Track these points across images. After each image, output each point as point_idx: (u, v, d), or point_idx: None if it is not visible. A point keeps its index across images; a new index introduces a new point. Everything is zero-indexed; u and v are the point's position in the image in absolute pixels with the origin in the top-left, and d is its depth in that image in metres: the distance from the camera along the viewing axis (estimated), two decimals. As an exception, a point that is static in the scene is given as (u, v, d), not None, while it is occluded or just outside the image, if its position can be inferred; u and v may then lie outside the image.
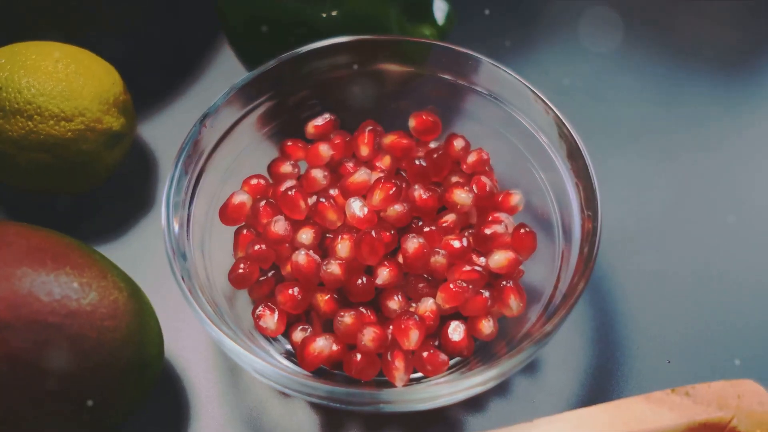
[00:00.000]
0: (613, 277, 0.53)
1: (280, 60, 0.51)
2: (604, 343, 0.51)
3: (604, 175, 0.48)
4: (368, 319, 0.47)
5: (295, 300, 0.47)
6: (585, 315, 0.52)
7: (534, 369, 0.50)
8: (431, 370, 0.45)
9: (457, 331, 0.46)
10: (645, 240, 0.55)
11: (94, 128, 0.52)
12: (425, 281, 0.48)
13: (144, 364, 0.44)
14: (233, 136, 0.52)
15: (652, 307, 0.52)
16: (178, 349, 0.51)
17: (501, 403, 0.49)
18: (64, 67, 0.52)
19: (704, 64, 0.64)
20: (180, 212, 0.47)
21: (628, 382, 0.49)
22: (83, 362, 0.42)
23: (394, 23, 0.55)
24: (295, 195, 0.49)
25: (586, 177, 0.46)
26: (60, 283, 0.42)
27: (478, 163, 0.51)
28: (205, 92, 0.61)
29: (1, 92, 0.51)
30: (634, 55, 0.64)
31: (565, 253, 0.47)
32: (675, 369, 0.50)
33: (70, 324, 0.41)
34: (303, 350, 0.46)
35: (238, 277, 0.48)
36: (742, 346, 0.50)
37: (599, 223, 0.45)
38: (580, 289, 0.43)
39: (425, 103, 0.54)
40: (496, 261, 0.48)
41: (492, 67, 0.51)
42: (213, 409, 0.49)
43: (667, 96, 0.62)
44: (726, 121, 0.61)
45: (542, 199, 0.51)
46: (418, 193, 0.49)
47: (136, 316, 0.44)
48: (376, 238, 0.46)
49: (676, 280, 0.53)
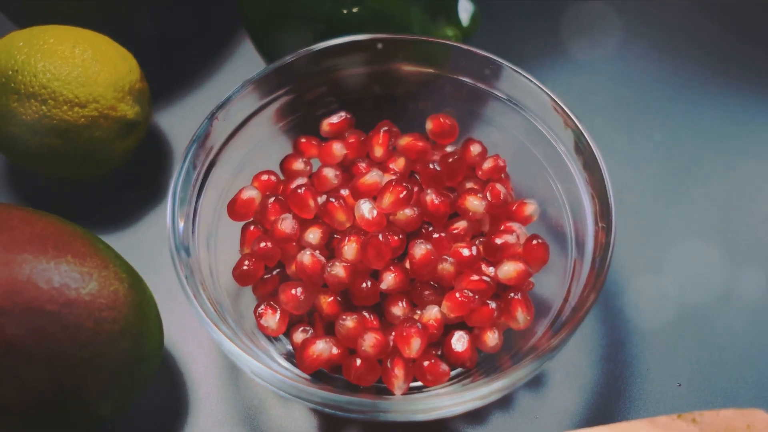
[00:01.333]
0: (626, 296, 0.51)
1: (296, 55, 0.51)
2: (613, 363, 0.49)
3: (620, 188, 0.47)
4: (371, 324, 0.46)
5: (298, 300, 0.46)
6: (595, 332, 0.50)
7: (539, 384, 0.49)
8: (431, 380, 0.44)
9: (461, 341, 0.45)
10: (661, 259, 0.53)
11: (108, 115, 0.51)
12: (431, 288, 0.47)
13: (142, 357, 0.44)
14: (247, 130, 0.51)
15: (665, 328, 0.50)
16: (180, 342, 0.50)
17: (503, 417, 0.48)
18: (80, 52, 0.51)
19: (706, 69, 0.62)
20: (186, 206, 0.46)
21: (635, 404, 0.48)
22: (79, 352, 0.41)
23: (416, 22, 0.54)
24: (305, 193, 0.48)
25: (602, 189, 0.45)
26: (60, 271, 0.42)
27: (494, 170, 0.50)
28: (225, 84, 0.60)
29: (17, 75, 0.51)
30: (657, 62, 0.62)
31: (577, 266, 0.46)
32: (685, 393, 0.48)
33: (67, 313, 0.41)
34: (302, 352, 0.45)
35: (242, 273, 0.47)
36: (755, 374, 0.49)
37: (613, 237, 0.44)
38: (590, 303, 0.42)
39: (444, 106, 0.53)
40: (505, 272, 0.47)
41: (512, 72, 0.50)
42: (211, 405, 0.48)
43: (671, 88, 0.61)
44: (746, 134, 0.59)
45: (558, 211, 0.49)
46: (430, 197, 0.48)
47: (135, 308, 0.44)
48: (383, 242, 0.45)
49: (691, 302, 0.51)
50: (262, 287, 0.48)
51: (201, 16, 0.65)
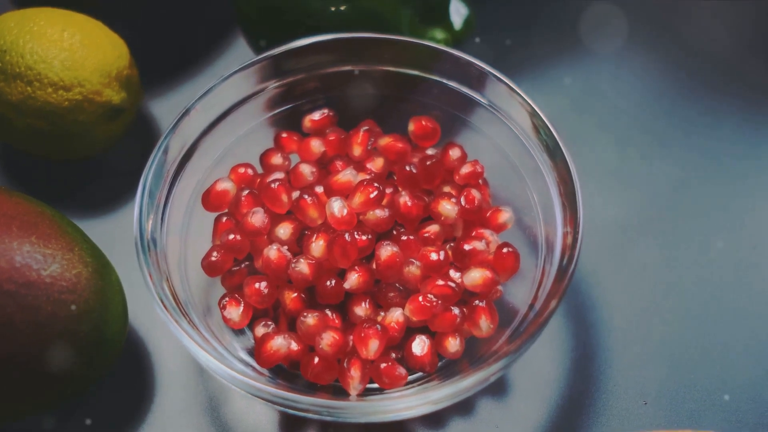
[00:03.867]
0: (599, 311, 0.51)
1: (281, 49, 0.50)
2: (580, 377, 0.49)
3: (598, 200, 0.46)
4: (332, 322, 0.45)
5: (261, 294, 0.46)
6: (564, 345, 0.50)
7: (503, 393, 0.48)
8: (387, 383, 0.44)
9: (421, 345, 0.45)
10: (636, 277, 0.52)
11: (93, 100, 0.52)
12: (396, 290, 0.46)
13: (102, 341, 0.44)
14: (228, 122, 0.51)
15: (635, 345, 0.49)
16: (147, 329, 0.50)
17: (462, 423, 0.47)
18: (69, 36, 0.52)
19: (707, 65, 0.61)
20: (157, 197, 0.46)
21: (599, 419, 0.47)
22: (36, 333, 0.41)
23: (405, 24, 0.53)
24: (278, 188, 0.48)
25: (572, 194, 0.44)
26: (22, 251, 0.42)
27: (472, 176, 0.50)
28: (217, 75, 0.60)
29: (6, 55, 0.51)
30: (635, 55, 0.62)
31: (544, 272, 0.45)
32: (650, 412, 0.47)
33: (25, 294, 0.41)
34: (261, 346, 0.45)
35: (210, 264, 0.47)
36: (723, 396, 0.48)
37: (579, 238, 0.43)
38: (551, 309, 0.42)
39: (430, 109, 0.52)
40: (471, 278, 0.46)
41: (496, 80, 0.49)
42: (173, 392, 0.49)
43: (670, 98, 0.60)
44: (740, 151, 0.58)
45: (532, 219, 0.49)
46: (403, 199, 0.48)
47: (98, 292, 0.44)
48: (349, 241, 0.45)
49: (664, 321, 0.50)
50: (230, 279, 0.48)
51: (200, 7, 0.65)
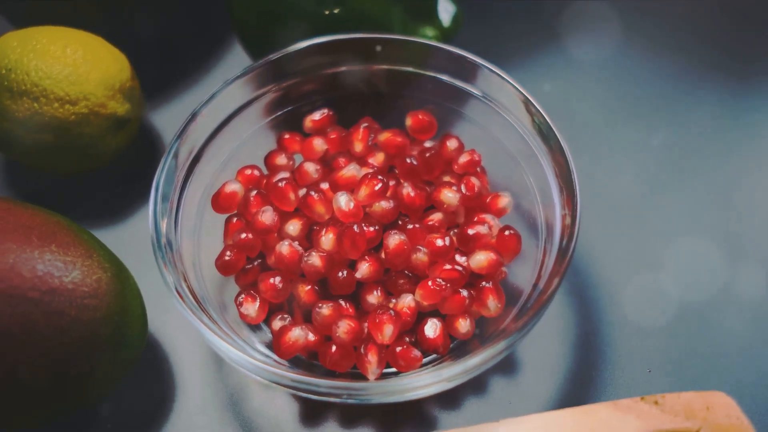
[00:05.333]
0: (601, 287, 0.53)
1: (279, 54, 0.52)
2: (586, 350, 0.50)
3: (594, 181, 0.47)
4: (346, 311, 0.47)
5: (276, 289, 0.48)
6: (570, 322, 0.51)
7: (513, 370, 0.50)
8: (404, 366, 0.46)
9: (433, 328, 0.47)
10: (635, 252, 0.54)
11: (98, 112, 0.53)
12: (406, 277, 0.48)
13: (124, 343, 0.45)
14: (232, 126, 0.52)
15: (636, 316, 0.51)
16: (165, 330, 0.52)
17: (477, 403, 0.49)
18: (72, 52, 0.53)
19: (700, 64, 0.63)
20: (169, 200, 0.48)
21: (606, 388, 0.49)
22: (61, 338, 0.43)
23: (397, 23, 0.55)
24: (285, 187, 0.50)
25: (568, 177, 0.46)
26: (44, 260, 0.43)
27: (470, 164, 0.52)
28: (215, 83, 0.60)
29: (11, 74, 0.53)
30: (617, 36, 0.64)
31: (545, 253, 0.47)
32: (655, 379, 0.49)
33: (50, 300, 0.42)
34: (279, 338, 0.46)
35: (224, 264, 0.49)
36: (723, 360, 0.50)
37: (577, 220, 0.45)
38: (554, 287, 0.43)
39: (425, 103, 0.54)
40: (477, 261, 0.48)
41: (488, 70, 0.51)
42: (194, 391, 0.50)
43: (654, 73, 0.62)
44: (726, 124, 0.60)
45: (530, 202, 0.51)
46: (406, 191, 0.50)
47: (118, 296, 0.45)
48: (358, 233, 0.47)
49: (664, 293, 0.52)
50: (244, 277, 0.50)
51: (194, 18, 0.67)
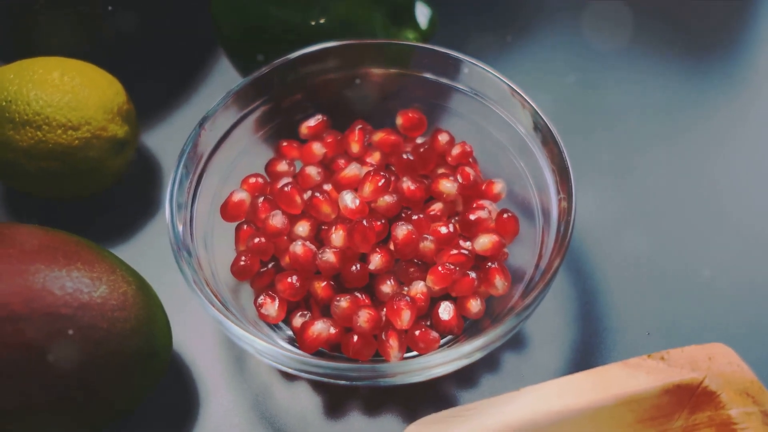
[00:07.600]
0: (595, 260, 0.56)
1: (272, 66, 0.54)
2: (587, 320, 0.54)
3: (593, 165, 0.50)
4: (363, 302, 0.50)
5: (294, 288, 0.50)
6: (569, 295, 0.55)
7: (522, 345, 0.53)
8: (424, 348, 0.48)
9: (447, 310, 0.49)
10: (623, 225, 0.58)
11: (100, 136, 0.55)
12: (415, 266, 0.51)
13: (153, 353, 0.47)
14: (231, 139, 0.54)
15: (631, 285, 0.55)
16: (186, 340, 0.53)
17: (492, 379, 0.52)
18: (69, 79, 0.55)
19: (705, 57, 0.67)
20: (183, 211, 0.50)
21: (610, 353, 0.52)
22: (94, 351, 0.44)
23: (379, 28, 0.58)
24: (291, 191, 0.52)
25: (561, 161, 0.49)
26: (72, 277, 0.45)
27: (462, 156, 0.55)
28: (205, 101, 0.64)
29: (11, 105, 0.54)
30: (635, 50, 0.67)
31: (544, 235, 0.50)
32: (654, 340, 0.53)
33: (82, 315, 0.44)
34: (303, 334, 0.49)
35: (240, 269, 0.51)
36: (717, 315, 0.53)
37: (573, 204, 0.48)
38: (557, 265, 0.46)
39: (411, 102, 0.57)
40: (481, 244, 0.51)
41: (471, 65, 0.54)
42: (220, 395, 0.52)
43: (668, 91, 0.66)
44: (727, 114, 0.64)
45: (523, 187, 0.54)
46: (406, 185, 0.52)
47: (144, 307, 0.47)
48: (367, 227, 0.49)
49: (652, 261, 0.56)
50: (260, 280, 0.52)
51: (177, 37, 0.69)
